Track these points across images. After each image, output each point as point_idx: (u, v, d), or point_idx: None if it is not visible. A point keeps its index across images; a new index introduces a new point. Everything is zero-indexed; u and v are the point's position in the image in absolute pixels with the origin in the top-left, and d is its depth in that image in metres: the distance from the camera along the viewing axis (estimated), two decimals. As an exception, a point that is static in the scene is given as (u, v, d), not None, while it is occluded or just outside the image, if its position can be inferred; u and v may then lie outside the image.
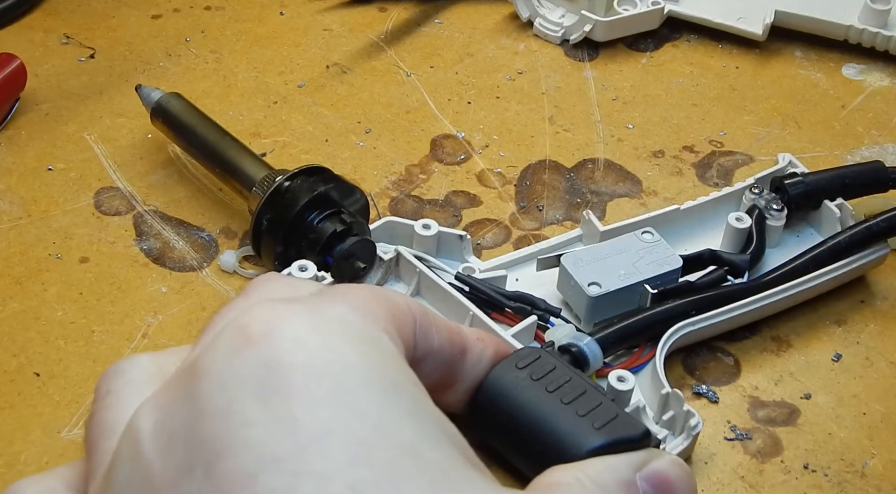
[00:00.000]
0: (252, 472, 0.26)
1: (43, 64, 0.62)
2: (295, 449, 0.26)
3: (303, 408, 0.27)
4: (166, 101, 0.54)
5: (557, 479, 0.32)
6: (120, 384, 0.31)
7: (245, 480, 0.26)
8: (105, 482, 0.29)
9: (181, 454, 0.27)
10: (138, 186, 0.55)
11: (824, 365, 0.47)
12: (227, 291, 0.50)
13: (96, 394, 0.31)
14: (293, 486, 0.25)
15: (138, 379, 0.31)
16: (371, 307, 0.31)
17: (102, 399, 0.31)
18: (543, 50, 0.65)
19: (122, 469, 0.28)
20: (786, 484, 0.42)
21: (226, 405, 0.27)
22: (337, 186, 0.48)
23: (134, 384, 0.31)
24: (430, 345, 0.35)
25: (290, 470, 0.26)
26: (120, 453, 0.28)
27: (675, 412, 0.42)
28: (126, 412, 0.29)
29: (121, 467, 0.28)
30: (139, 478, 0.27)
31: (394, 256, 0.48)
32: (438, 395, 0.37)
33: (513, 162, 0.57)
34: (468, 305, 0.45)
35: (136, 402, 0.29)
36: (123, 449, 0.28)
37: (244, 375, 0.27)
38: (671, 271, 0.47)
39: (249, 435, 0.26)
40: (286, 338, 0.28)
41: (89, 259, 0.51)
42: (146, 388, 0.30)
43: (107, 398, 0.31)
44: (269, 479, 0.26)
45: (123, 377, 0.31)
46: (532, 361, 0.39)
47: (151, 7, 0.67)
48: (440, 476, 0.27)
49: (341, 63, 0.63)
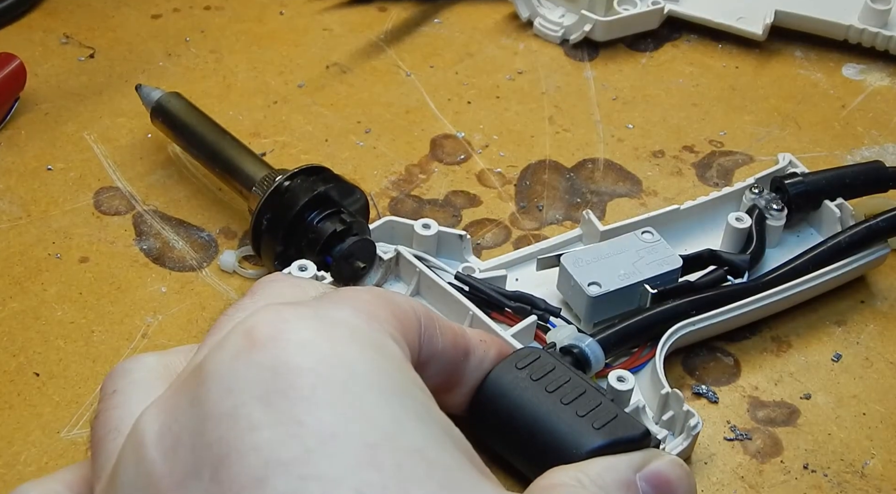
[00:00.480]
0: (259, 476, 0.26)
1: (42, 64, 0.62)
2: (302, 453, 0.26)
3: (309, 412, 0.27)
4: (166, 100, 0.54)
5: (558, 480, 0.32)
6: (126, 384, 0.31)
7: (252, 484, 0.26)
8: (110, 484, 0.29)
9: (187, 457, 0.27)
10: (138, 185, 0.55)
11: (824, 365, 0.47)
12: (227, 291, 0.50)
13: (102, 393, 0.31)
14: (300, 490, 0.25)
15: (145, 379, 0.31)
16: (376, 311, 0.31)
17: (108, 399, 0.31)
18: (543, 50, 0.65)
19: (126, 472, 0.28)
20: (785, 484, 0.42)
21: (232, 408, 0.27)
22: (337, 185, 0.48)
23: (140, 384, 0.31)
24: (435, 348, 0.35)
25: (297, 474, 0.26)
26: (124, 456, 0.28)
27: (674, 412, 0.42)
28: (132, 413, 0.29)
29: (125, 470, 0.28)
30: (144, 482, 0.27)
31: (394, 255, 0.48)
32: (442, 397, 0.37)
33: (513, 162, 0.57)
34: (468, 305, 0.45)
35: (142, 402, 0.29)
36: (128, 452, 0.28)
37: (250, 379, 0.27)
38: (671, 271, 0.47)
39: (256, 439, 0.26)
40: (292, 342, 0.28)
41: (89, 259, 0.51)
42: (152, 388, 0.30)
43: (113, 398, 0.31)
44: (276, 483, 0.25)
45: (130, 377, 0.31)
46: (532, 361, 0.39)
47: (151, 7, 0.67)
48: (447, 480, 0.27)
49: (341, 63, 0.63)
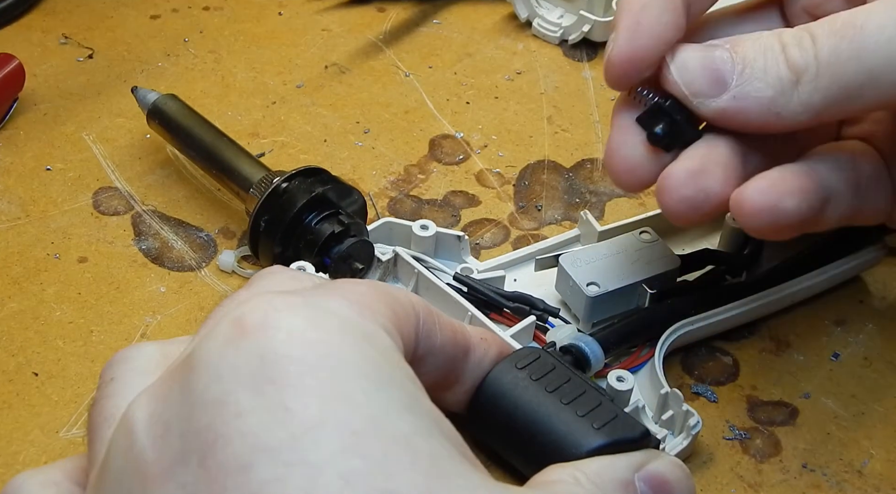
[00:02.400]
0: (245, 462, 0.26)
1: (41, 64, 0.62)
2: (288, 439, 0.26)
3: (296, 399, 0.27)
4: (162, 102, 0.54)
5: (555, 477, 0.32)
6: (123, 372, 0.31)
7: (238, 470, 0.26)
8: (101, 470, 0.29)
9: (175, 444, 0.27)
10: (137, 186, 0.55)
11: (823, 365, 0.47)
12: (226, 291, 0.50)
13: (100, 381, 0.32)
14: (286, 476, 0.26)
15: (143, 367, 0.31)
16: (369, 302, 0.31)
17: (105, 387, 0.31)
18: (542, 50, 0.65)
19: (116, 458, 0.28)
20: (784, 484, 0.42)
21: (220, 395, 0.27)
22: (334, 187, 0.48)
23: (138, 373, 0.31)
24: (434, 343, 0.35)
25: (283, 460, 0.26)
26: (115, 443, 0.28)
27: (674, 411, 0.42)
28: (128, 401, 0.29)
29: (115, 456, 0.28)
30: (133, 468, 0.27)
31: (392, 257, 0.48)
32: (440, 394, 0.38)
33: (511, 162, 0.57)
34: (467, 305, 0.45)
35: (139, 390, 0.29)
36: (118, 439, 0.28)
37: (238, 366, 0.28)
38: (669, 271, 0.47)
39: (243, 425, 0.26)
40: (281, 330, 0.28)
41: (88, 259, 0.51)
42: (150, 377, 0.30)
43: (110, 386, 0.31)
44: (261, 469, 0.26)
45: (128, 365, 0.32)
46: (532, 361, 0.39)
47: (150, 7, 0.67)
48: (432, 468, 0.27)
49: (340, 63, 0.63)
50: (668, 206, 0.38)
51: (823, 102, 0.36)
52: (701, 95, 0.38)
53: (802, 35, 0.37)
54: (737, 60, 0.37)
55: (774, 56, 0.37)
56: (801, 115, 0.37)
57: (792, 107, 0.37)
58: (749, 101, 0.37)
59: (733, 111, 0.37)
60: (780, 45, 0.37)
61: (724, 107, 0.37)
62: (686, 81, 0.38)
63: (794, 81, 0.36)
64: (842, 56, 0.36)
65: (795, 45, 0.37)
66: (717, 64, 0.37)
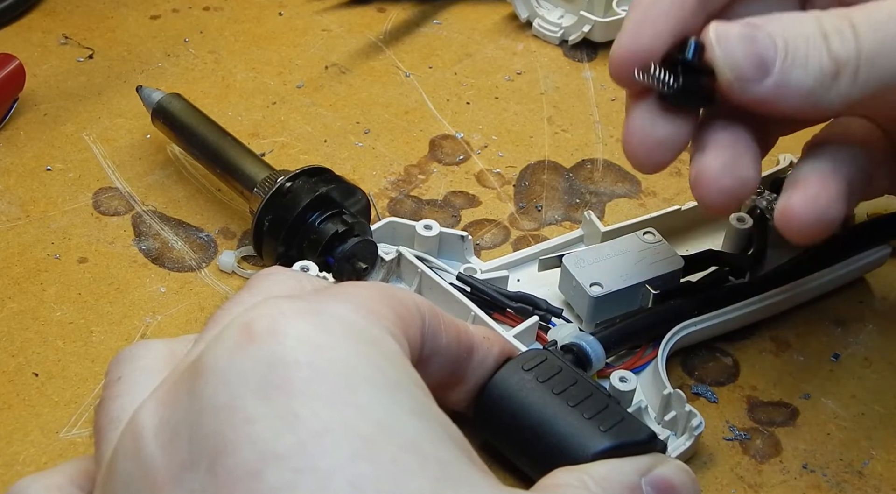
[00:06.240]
0: (255, 469, 0.26)
1: (41, 64, 0.62)
2: (296, 446, 0.26)
3: (304, 405, 0.27)
4: (167, 101, 0.54)
5: (562, 480, 0.32)
6: (130, 371, 0.31)
7: (247, 476, 0.26)
8: (108, 474, 0.29)
9: (184, 450, 0.27)
10: (137, 186, 0.55)
11: (823, 366, 0.47)
12: (226, 291, 0.49)
13: (107, 379, 0.31)
14: (295, 482, 0.26)
15: (150, 366, 0.31)
16: (375, 306, 0.31)
17: (112, 386, 0.31)
18: (542, 50, 0.65)
19: (124, 463, 0.28)
20: (784, 484, 0.43)
21: (228, 401, 0.27)
22: (338, 186, 0.48)
23: (145, 371, 0.31)
24: (438, 343, 0.35)
25: (292, 467, 0.26)
26: (122, 447, 0.28)
27: (676, 412, 0.42)
28: (134, 402, 0.29)
29: (123, 461, 0.28)
30: (141, 474, 0.27)
31: (395, 256, 0.48)
32: (444, 394, 0.38)
33: (511, 162, 0.57)
34: (470, 305, 0.45)
35: (146, 391, 0.29)
36: (126, 444, 0.28)
37: (247, 372, 0.27)
38: (673, 272, 0.47)
39: (252, 432, 0.26)
40: (289, 336, 0.28)
41: (88, 260, 0.51)
42: (157, 375, 0.30)
43: (117, 386, 0.31)
44: (270, 475, 0.26)
45: (135, 363, 0.31)
46: (538, 363, 0.39)
47: (150, 7, 0.67)
48: (442, 473, 0.27)
49: (340, 63, 0.63)
50: (708, 198, 0.38)
51: (861, 96, 0.36)
52: (743, 80, 0.36)
53: (843, 25, 0.36)
54: (780, 46, 0.36)
55: (817, 45, 0.36)
56: (836, 106, 0.36)
57: (830, 98, 0.36)
58: (790, 89, 0.36)
59: (773, 98, 0.36)
60: (821, 34, 0.36)
61: (766, 93, 0.36)
62: (731, 64, 0.36)
63: (835, 73, 0.35)
64: (885, 52, 0.35)
65: (837, 35, 0.36)
66: (760, 49, 0.36)
